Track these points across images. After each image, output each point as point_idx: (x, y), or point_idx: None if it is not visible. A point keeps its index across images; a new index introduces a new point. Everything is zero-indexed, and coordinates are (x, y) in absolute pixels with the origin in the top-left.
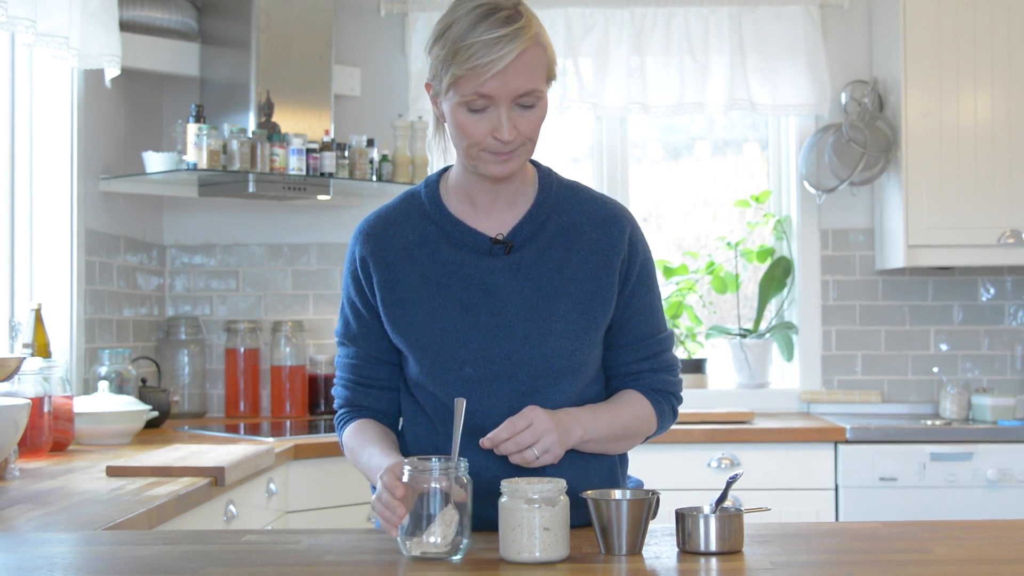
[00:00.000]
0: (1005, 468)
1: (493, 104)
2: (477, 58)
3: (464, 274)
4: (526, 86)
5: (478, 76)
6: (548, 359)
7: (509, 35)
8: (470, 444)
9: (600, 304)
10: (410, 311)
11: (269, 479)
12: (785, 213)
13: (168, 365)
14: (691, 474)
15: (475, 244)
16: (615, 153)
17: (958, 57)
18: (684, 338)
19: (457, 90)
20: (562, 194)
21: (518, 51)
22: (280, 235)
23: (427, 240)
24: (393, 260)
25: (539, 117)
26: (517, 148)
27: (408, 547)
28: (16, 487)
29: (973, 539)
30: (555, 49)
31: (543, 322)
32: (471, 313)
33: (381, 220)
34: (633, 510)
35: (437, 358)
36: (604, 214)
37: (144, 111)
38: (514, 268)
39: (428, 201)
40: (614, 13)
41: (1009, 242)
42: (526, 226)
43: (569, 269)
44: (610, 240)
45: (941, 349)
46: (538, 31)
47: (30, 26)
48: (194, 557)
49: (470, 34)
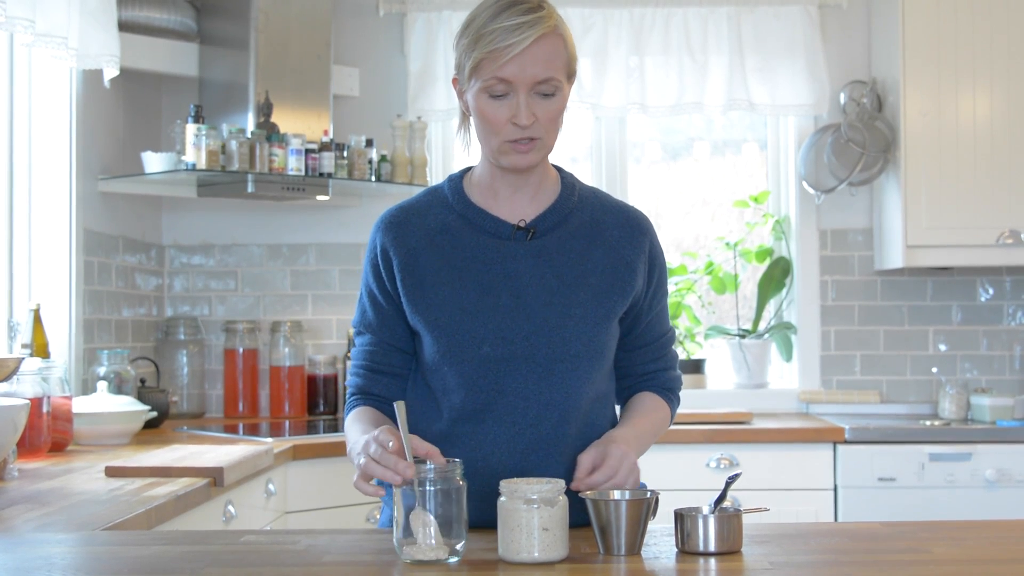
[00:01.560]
0: (1004, 468)
1: (513, 91)
2: (497, 42)
3: (486, 258)
4: (544, 73)
5: (497, 59)
6: (566, 342)
7: (529, 22)
8: (482, 431)
9: (619, 296)
10: (430, 292)
11: (268, 479)
12: (784, 213)
13: (167, 365)
14: (690, 474)
15: (497, 230)
16: (614, 153)
17: (957, 57)
18: (683, 338)
19: (478, 76)
20: (585, 194)
21: (536, 36)
22: (279, 235)
23: (448, 227)
24: (415, 245)
25: (558, 107)
26: (537, 139)
27: (405, 553)
28: (15, 487)
29: (972, 539)
30: None
31: (563, 307)
32: (491, 294)
33: (403, 211)
34: (632, 510)
35: (455, 336)
36: (627, 217)
37: (143, 111)
38: (536, 254)
39: (451, 193)
40: (613, 13)
41: (1008, 242)
42: (549, 217)
43: (590, 262)
44: (631, 241)
45: (940, 349)
46: (558, 23)
47: (29, 26)
48: (193, 557)
49: (492, 22)
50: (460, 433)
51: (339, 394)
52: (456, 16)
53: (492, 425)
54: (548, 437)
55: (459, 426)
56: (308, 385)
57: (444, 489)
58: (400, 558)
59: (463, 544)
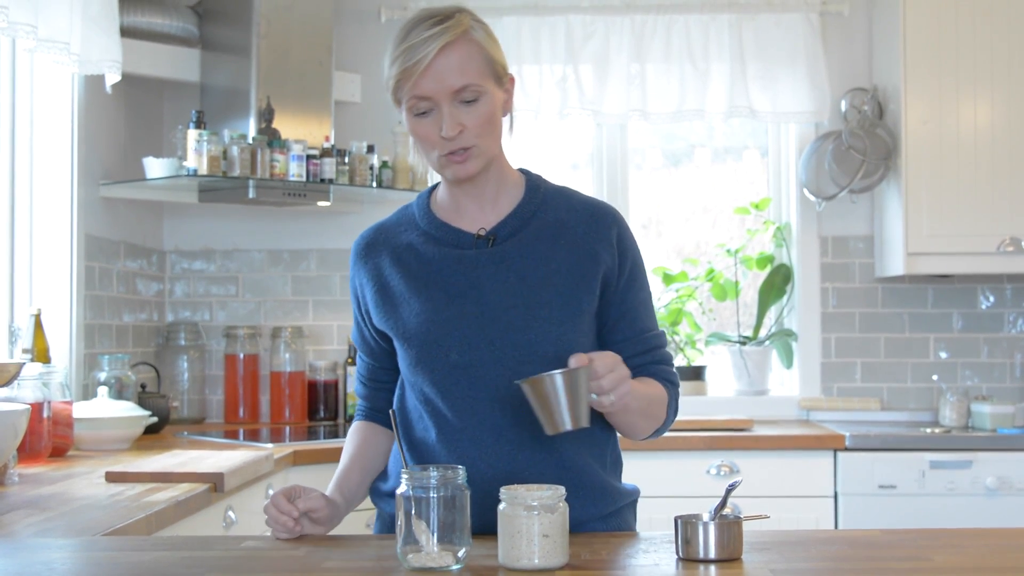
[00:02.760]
0: (1004, 476)
1: (435, 105)
2: (406, 60)
3: (450, 270)
4: (460, 81)
5: (409, 78)
6: (533, 345)
7: (435, 33)
8: (467, 436)
9: (586, 291)
10: (400, 309)
11: (268, 485)
12: (785, 220)
13: (167, 371)
14: (690, 481)
15: (459, 241)
16: (615, 160)
17: (958, 65)
18: (684, 345)
19: (402, 98)
20: (550, 195)
21: (440, 46)
22: (280, 241)
23: (414, 245)
24: (384, 269)
25: (485, 112)
26: (470, 147)
27: (408, 560)
28: (15, 492)
29: (972, 547)
30: (554, 56)
31: (527, 309)
32: (456, 303)
33: (376, 233)
34: (569, 380)
35: (423, 348)
36: (592, 212)
37: (144, 117)
38: (498, 260)
39: (418, 211)
40: (614, 20)
41: (1008, 250)
42: (510, 222)
43: (555, 261)
44: (597, 234)
45: (940, 357)
46: (470, 28)
47: (31, 32)
48: (193, 563)
49: (403, 41)
50: (449, 440)
51: (340, 400)
52: None
53: (475, 430)
54: (531, 438)
55: (446, 433)
56: (309, 391)
57: (447, 496)
58: (403, 565)
59: (466, 551)
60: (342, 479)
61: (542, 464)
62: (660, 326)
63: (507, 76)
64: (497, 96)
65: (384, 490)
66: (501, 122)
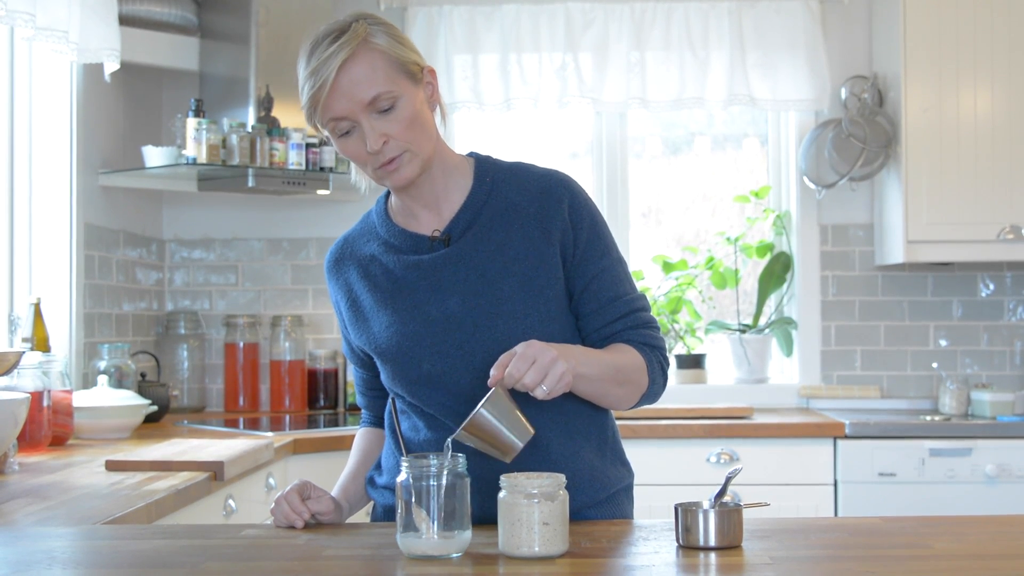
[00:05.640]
0: (1004, 464)
1: (355, 122)
2: (312, 87)
3: (412, 277)
4: (369, 92)
5: (319, 102)
6: (501, 342)
7: (332, 52)
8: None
9: (547, 276)
10: (372, 323)
11: (268, 473)
12: (785, 208)
13: (167, 360)
14: (690, 469)
15: (416, 246)
16: (615, 148)
17: (958, 52)
18: (684, 333)
19: (319, 123)
20: (500, 178)
21: (340, 62)
22: (279, 230)
23: (376, 256)
24: (353, 283)
25: (405, 116)
26: (400, 154)
27: (408, 548)
28: (15, 481)
29: (972, 534)
30: (553, 44)
31: (489, 306)
32: (421, 311)
33: (340, 247)
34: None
35: (396, 360)
36: (541, 187)
37: (143, 105)
38: (456, 260)
39: (377, 218)
40: (614, 8)
41: (1009, 238)
42: (462, 217)
43: (511, 249)
44: (547, 210)
45: (940, 345)
46: (368, 35)
47: (29, 20)
48: (193, 551)
49: (306, 68)
50: (440, 440)
51: (339, 388)
52: (457, 11)
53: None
54: None
55: (436, 434)
56: (308, 379)
57: (447, 484)
58: (402, 552)
59: (466, 538)
60: (347, 484)
61: (533, 455)
62: (659, 315)
63: (424, 70)
64: (416, 96)
65: (379, 483)
66: (430, 119)
